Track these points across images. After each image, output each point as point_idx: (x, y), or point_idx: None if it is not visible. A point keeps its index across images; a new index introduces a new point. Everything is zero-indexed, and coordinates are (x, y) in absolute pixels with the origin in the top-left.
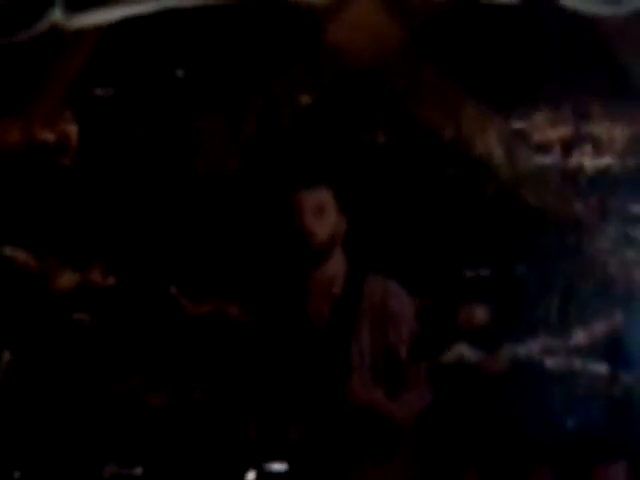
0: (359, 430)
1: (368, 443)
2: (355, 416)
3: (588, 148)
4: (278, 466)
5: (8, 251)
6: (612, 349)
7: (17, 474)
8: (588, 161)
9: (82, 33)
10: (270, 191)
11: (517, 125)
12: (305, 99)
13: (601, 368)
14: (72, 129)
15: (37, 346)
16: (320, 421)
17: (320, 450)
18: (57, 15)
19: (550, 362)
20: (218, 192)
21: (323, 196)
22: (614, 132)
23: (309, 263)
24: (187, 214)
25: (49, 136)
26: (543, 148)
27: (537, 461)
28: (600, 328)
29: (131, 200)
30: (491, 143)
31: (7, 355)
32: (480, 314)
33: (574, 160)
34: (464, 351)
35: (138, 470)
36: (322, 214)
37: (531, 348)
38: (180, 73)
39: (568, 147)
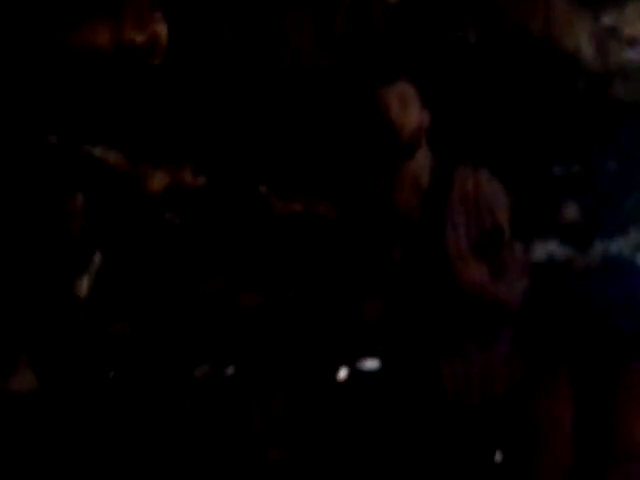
0: (465, 312)
1: (474, 326)
2: (461, 299)
3: None
4: (371, 364)
5: (98, 152)
6: None
7: (110, 372)
8: None
9: None
10: (358, 87)
11: (607, 20)
12: None
13: None
14: (162, 29)
15: (129, 248)
16: (422, 307)
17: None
18: None
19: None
20: (307, 89)
21: (406, 90)
22: None
23: (397, 156)
24: (276, 112)
25: (139, 37)
26: (633, 42)
27: (629, 356)
28: None
29: (221, 99)
30: (581, 38)
31: (99, 257)
32: (571, 211)
33: None
34: (555, 247)
35: (230, 370)
36: (406, 107)
37: (621, 244)
38: None
39: None
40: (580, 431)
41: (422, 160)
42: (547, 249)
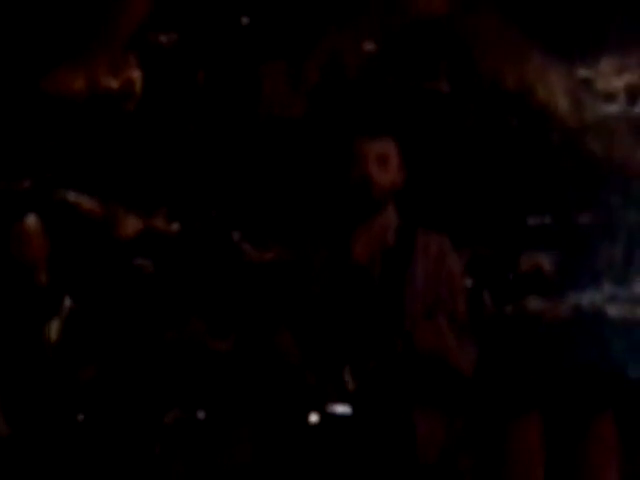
0: (423, 376)
1: (430, 390)
2: (421, 362)
3: None
4: (341, 409)
5: (72, 197)
6: None
7: (81, 417)
8: None
9: None
10: (333, 138)
11: (582, 73)
12: (370, 47)
13: None
14: (136, 75)
15: (99, 292)
16: (378, 367)
17: (381, 396)
18: None
19: (613, 310)
20: (281, 138)
21: (388, 146)
22: None
23: (366, 210)
24: (250, 160)
25: (113, 83)
26: (608, 96)
27: (600, 407)
28: None
29: (195, 146)
30: (555, 92)
31: (68, 301)
32: (543, 263)
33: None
34: (527, 300)
35: (201, 414)
36: (385, 164)
37: (594, 297)
38: (244, 20)
39: (634, 95)
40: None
41: (389, 218)
42: (519, 301)
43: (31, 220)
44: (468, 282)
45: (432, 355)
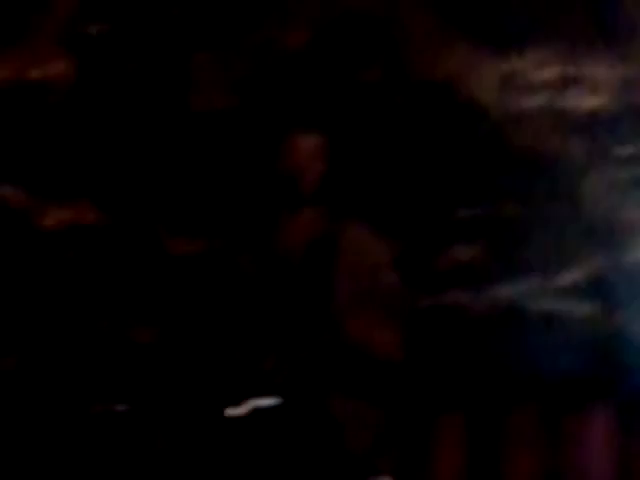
0: (350, 365)
1: (357, 379)
2: (346, 350)
3: (578, 89)
4: (268, 401)
5: None
6: (596, 291)
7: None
8: (578, 102)
9: None
10: (262, 131)
11: (505, 66)
12: (300, 38)
13: (585, 309)
14: (65, 66)
15: (21, 284)
16: (305, 356)
17: (306, 385)
18: None
19: (534, 304)
20: (209, 130)
21: (317, 139)
22: (604, 73)
23: (293, 203)
24: (176, 150)
25: (40, 74)
26: (533, 89)
27: (521, 402)
28: (586, 270)
29: (123, 137)
30: (481, 84)
31: None
32: (468, 255)
33: (564, 102)
34: (449, 293)
35: (121, 407)
36: (315, 157)
37: (516, 290)
38: (175, 10)
39: (558, 88)
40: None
41: (314, 209)
42: (442, 294)
43: None
44: (394, 274)
45: (363, 346)
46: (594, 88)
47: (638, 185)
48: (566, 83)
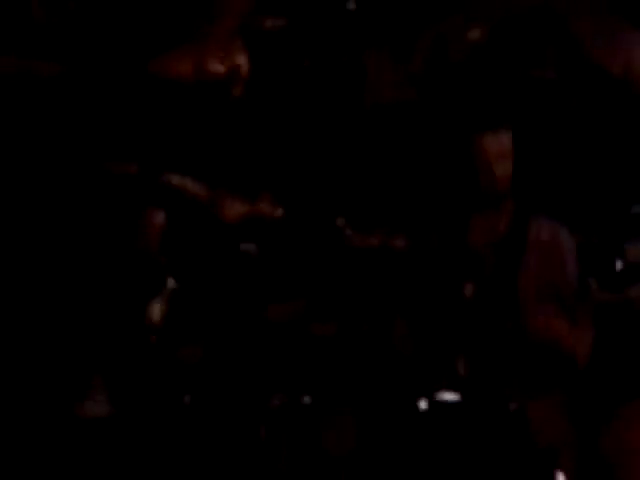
0: (536, 362)
1: (543, 376)
2: (534, 348)
3: None
4: (450, 396)
5: (177, 181)
6: None
7: (187, 399)
8: None
9: None
10: (447, 129)
11: None
12: (475, 34)
13: None
14: (243, 60)
15: (203, 275)
16: (490, 354)
17: (491, 383)
18: None
19: None
20: (386, 125)
21: (507, 139)
22: None
23: (486, 204)
24: (354, 145)
25: (220, 67)
26: None
27: None
28: None
29: (301, 130)
30: None
31: (172, 282)
32: None
33: None
34: (633, 289)
35: (306, 399)
36: (504, 158)
37: None
38: (351, 5)
39: None
40: None
41: (504, 206)
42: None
43: (160, 216)
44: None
45: (544, 340)
46: None
47: None
48: None
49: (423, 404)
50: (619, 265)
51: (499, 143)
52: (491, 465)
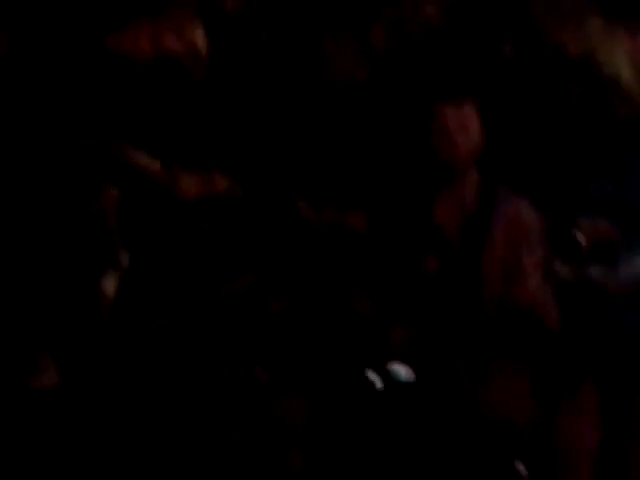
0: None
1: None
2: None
3: None
4: (405, 373)
5: (134, 157)
6: None
7: (139, 374)
8: None
9: None
10: (404, 103)
11: None
12: (432, 10)
13: None
14: (201, 38)
15: (158, 250)
16: (449, 330)
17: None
18: None
19: None
20: (345, 103)
21: (468, 111)
22: None
23: (447, 177)
24: (314, 123)
25: (178, 45)
26: None
27: None
28: None
29: (258, 109)
30: (619, 60)
31: (126, 256)
32: (606, 229)
33: None
34: (590, 268)
35: (258, 373)
36: (466, 131)
37: None
38: None
39: None
40: (604, 451)
41: (470, 181)
42: (579, 269)
43: (115, 192)
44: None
45: (531, 313)
46: None
47: None
48: None
49: (377, 379)
50: (579, 242)
51: (460, 114)
52: (444, 444)
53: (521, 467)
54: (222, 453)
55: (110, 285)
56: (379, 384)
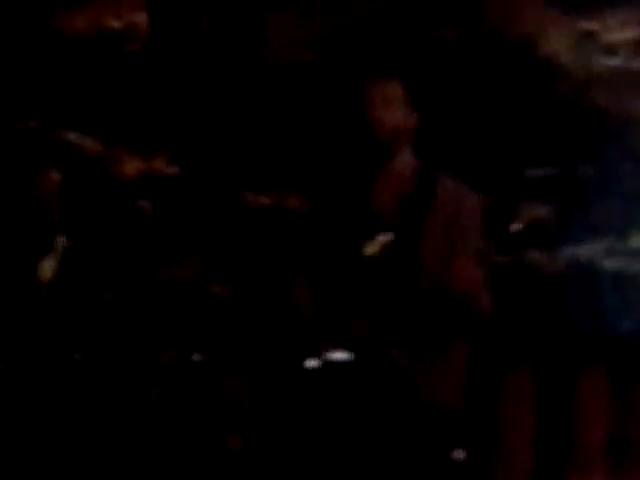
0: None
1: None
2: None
3: None
4: (341, 355)
5: (74, 137)
6: None
7: (77, 356)
8: None
9: None
10: (338, 83)
11: (586, 26)
12: None
13: None
14: (141, 17)
15: (97, 232)
16: (385, 310)
17: (387, 341)
18: None
19: (609, 264)
20: (286, 83)
21: (393, 89)
22: None
23: (376, 155)
24: (253, 104)
25: (117, 24)
26: (611, 50)
27: (591, 361)
28: None
29: (198, 89)
30: (559, 44)
31: (62, 240)
32: (542, 213)
33: None
34: (526, 251)
35: (196, 357)
36: (390, 106)
37: (591, 249)
38: None
39: (637, 49)
40: (541, 433)
41: (406, 162)
42: (517, 251)
43: (56, 173)
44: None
45: (465, 295)
46: None
47: None
48: None
49: (313, 362)
50: (515, 227)
51: (386, 91)
52: (381, 425)
53: (459, 451)
54: (164, 434)
55: (48, 268)
56: (316, 365)
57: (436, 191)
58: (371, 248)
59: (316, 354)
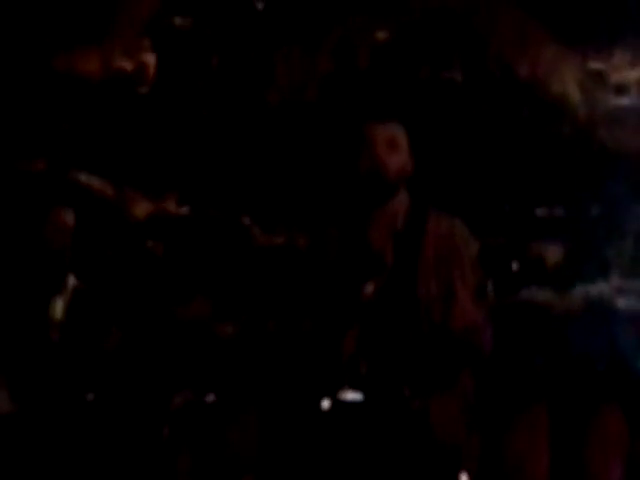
0: (438, 359)
1: (444, 374)
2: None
3: None
4: (353, 395)
5: (84, 178)
6: None
7: (90, 396)
8: None
9: None
10: (343, 124)
11: (595, 65)
12: (382, 35)
13: None
14: (150, 58)
15: (108, 272)
16: (392, 350)
17: (392, 381)
18: None
19: (621, 302)
20: (291, 123)
21: (396, 130)
22: None
23: (378, 195)
24: (261, 144)
25: (127, 65)
26: (620, 89)
27: (606, 399)
28: None
29: (207, 130)
30: (568, 83)
31: (72, 281)
32: (553, 253)
33: None
34: (535, 290)
35: (210, 397)
36: (394, 147)
37: (603, 288)
38: (259, 5)
39: None
40: (555, 469)
41: (400, 204)
42: (528, 291)
43: (70, 215)
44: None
45: (465, 332)
46: None
47: None
48: None
49: (326, 403)
50: (515, 267)
51: (386, 133)
52: (394, 464)
53: None
54: (177, 473)
55: (58, 307)
56: (327, 405)
57: (427, 227)
58: (370, 288)
59: (328, 394)
